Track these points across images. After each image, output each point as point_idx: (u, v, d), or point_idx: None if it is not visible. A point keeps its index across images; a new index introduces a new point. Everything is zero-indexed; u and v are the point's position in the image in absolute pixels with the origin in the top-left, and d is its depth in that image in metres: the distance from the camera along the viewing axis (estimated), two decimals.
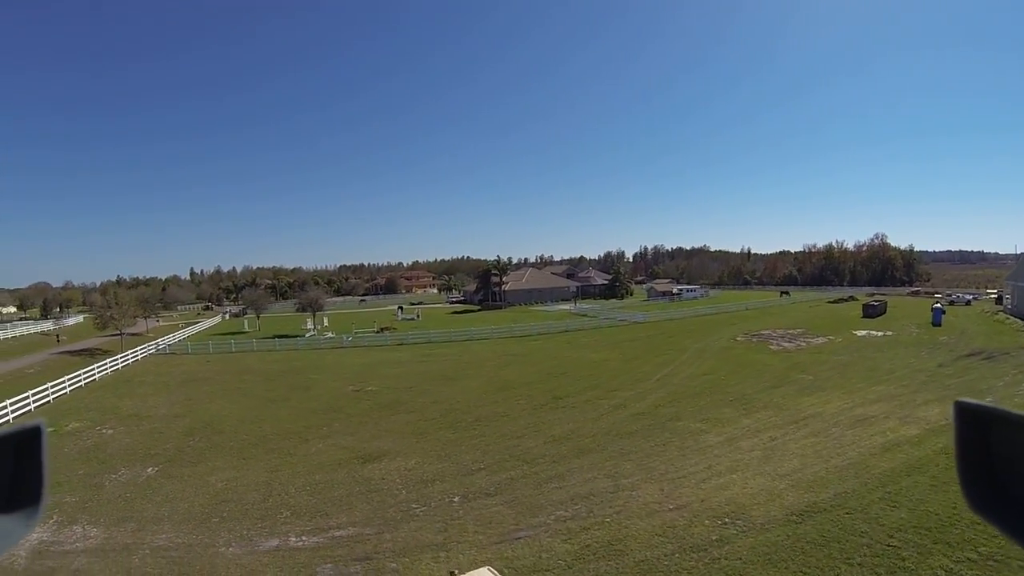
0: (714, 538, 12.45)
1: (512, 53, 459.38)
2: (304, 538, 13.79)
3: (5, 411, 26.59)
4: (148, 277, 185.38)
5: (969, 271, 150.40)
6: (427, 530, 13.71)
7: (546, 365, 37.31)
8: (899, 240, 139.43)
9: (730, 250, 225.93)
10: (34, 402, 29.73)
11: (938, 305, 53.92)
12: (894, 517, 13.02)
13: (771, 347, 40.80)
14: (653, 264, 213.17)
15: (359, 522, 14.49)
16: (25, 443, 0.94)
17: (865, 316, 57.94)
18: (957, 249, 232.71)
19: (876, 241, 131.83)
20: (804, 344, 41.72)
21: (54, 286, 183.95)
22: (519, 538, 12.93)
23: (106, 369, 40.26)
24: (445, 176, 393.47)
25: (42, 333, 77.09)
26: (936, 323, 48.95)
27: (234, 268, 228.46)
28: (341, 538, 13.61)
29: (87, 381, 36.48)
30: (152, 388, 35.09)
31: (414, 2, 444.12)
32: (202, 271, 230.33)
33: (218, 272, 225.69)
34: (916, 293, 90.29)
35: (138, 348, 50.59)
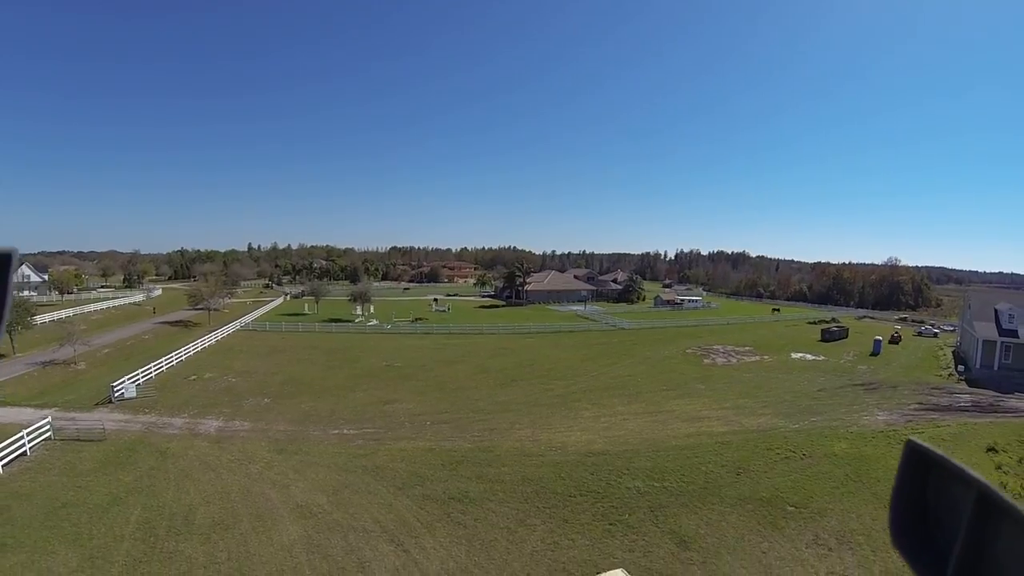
0: (540, 453, 25.07)
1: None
2: (350, 431, 28.20)
3: (162, 362, 41.89)
4: (209, 250, 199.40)
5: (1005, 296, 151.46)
6: (407, 432, 27.91)
7: (522, 358, 49.74)
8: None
9: (774, 257, 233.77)
10: (177, 359, 44.86)
11: (879, 337, 58.97)
12: (637, 464, 23.57)
13: (704, 361, 50.20)
14: (687, 268, 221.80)
15: (378, 427, 28.81)
16: None
17: (822, 340, 63.79)
18: (1010, 272, 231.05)
19: (888, 264, 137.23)
20: (735, 361, 50.53)
21: (120, 251, 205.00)
22: (451, 440, 26.79)
23: (211, 340, 55.27)
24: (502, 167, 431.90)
25: (135, 304, 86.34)
26: (874, 353, 55.07)
27: (289, 245, 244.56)
28: (368, 432, 27.97)
29: (203, 347, 51.81)
30: (249, 355, 50.10)
31: None
32: (259, 246, 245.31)
33: (275, 248, 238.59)
34: (903, 320, 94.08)
35: (227, 324, 64.73)
